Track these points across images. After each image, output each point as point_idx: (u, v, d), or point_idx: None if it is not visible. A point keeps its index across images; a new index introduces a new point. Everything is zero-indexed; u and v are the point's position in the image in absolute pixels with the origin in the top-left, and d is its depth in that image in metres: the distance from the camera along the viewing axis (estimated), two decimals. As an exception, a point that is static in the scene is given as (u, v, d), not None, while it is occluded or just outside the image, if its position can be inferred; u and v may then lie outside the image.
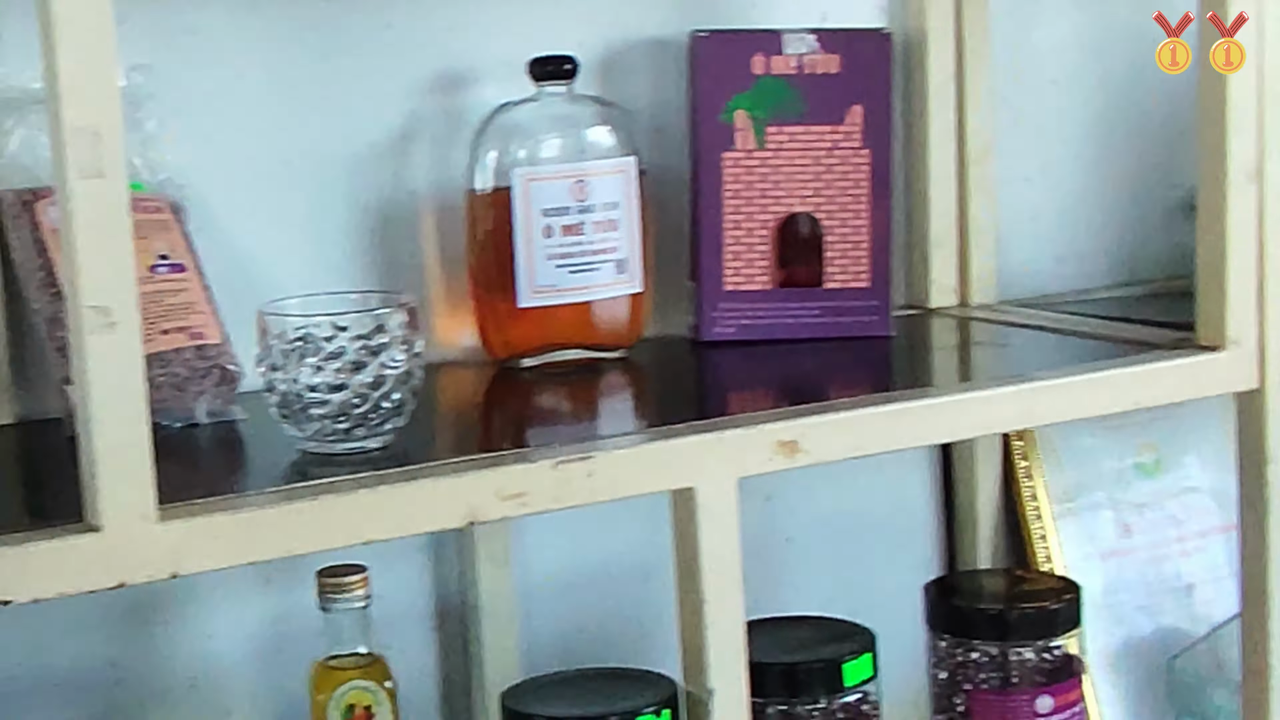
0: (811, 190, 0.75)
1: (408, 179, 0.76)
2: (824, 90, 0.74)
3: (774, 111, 0.74)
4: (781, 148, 0.74)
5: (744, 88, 0.73)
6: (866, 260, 0.77)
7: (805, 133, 0.74)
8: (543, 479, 0.55)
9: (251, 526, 0.48)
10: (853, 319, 0.77)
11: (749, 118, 0.73)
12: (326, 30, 0.73)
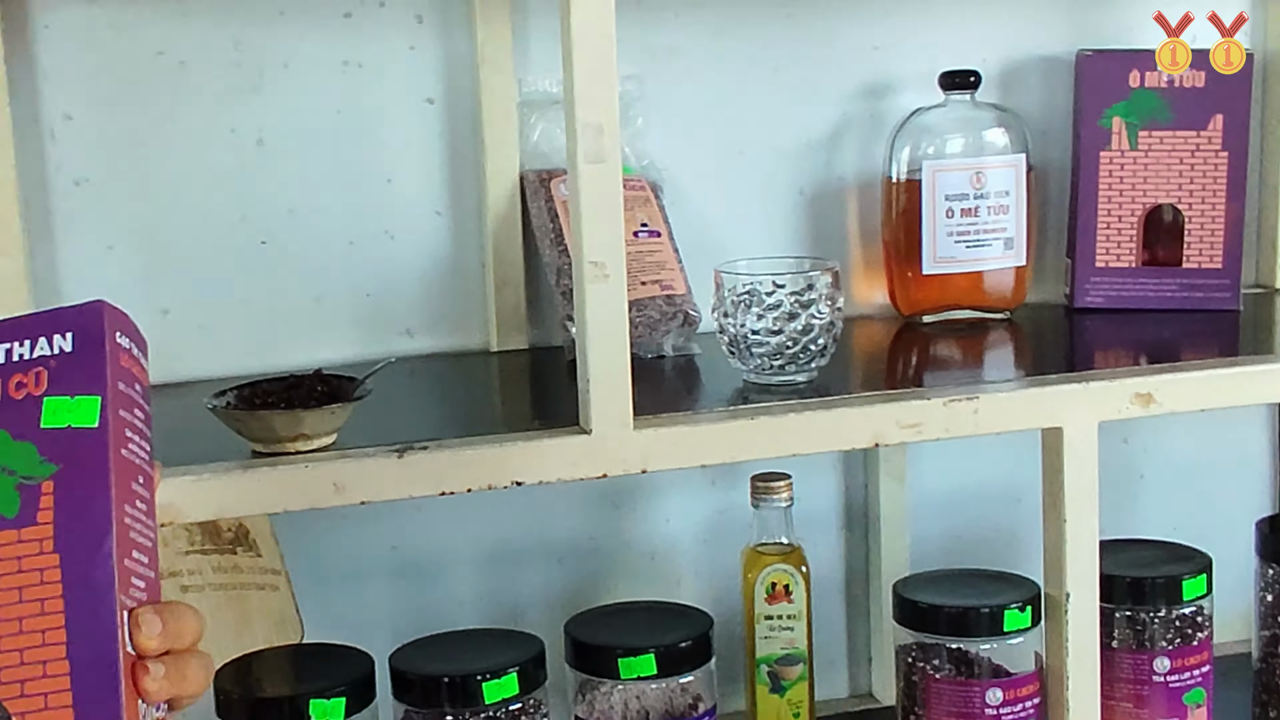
0: (1175, 185, 1.31)
1: (837, 168, 1.38)
2: (1190, 101, 1.29)
3: (1146, 118, 1.30)
4: (1151, 149, 1.31)
5: (1121, 98, 1.30)
6: (1220, 245, 1.31)
7: (1172, 137, 1.30)
8: (935, 413, 1.02)
9: (704, 437, 1.02)
10: (1205, 294, 1.31)
11: (1124, 123, 1.31)
12: (776, 49, 1.35)
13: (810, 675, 1.31)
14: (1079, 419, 1.06)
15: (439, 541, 1.36)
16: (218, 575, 1.19)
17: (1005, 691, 1.10)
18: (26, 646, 0.56)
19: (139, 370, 0.64)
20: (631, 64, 1.30)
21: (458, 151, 1.33)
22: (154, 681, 0.58)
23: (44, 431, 0.57)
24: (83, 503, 0.57)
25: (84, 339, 0.58)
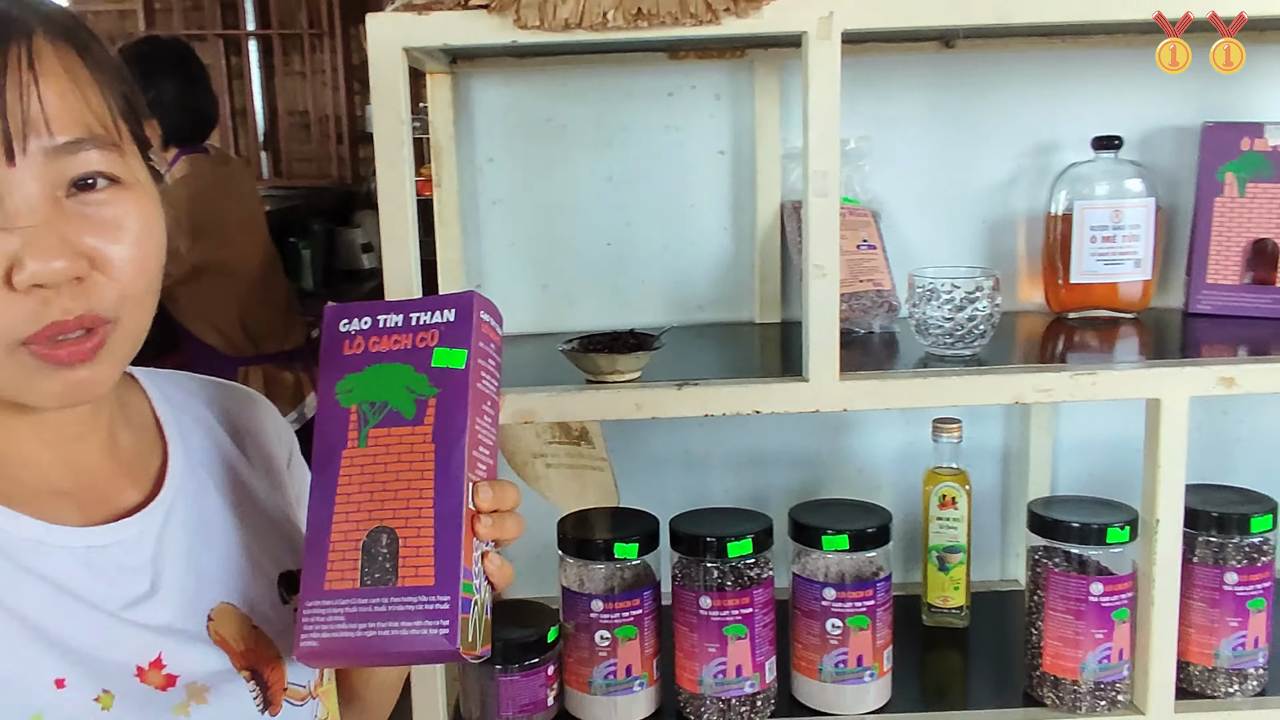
0: (1275, 224, 1.30)
1: (1011, 204, 1.42)
2: None
3: (1254, 174, 1.29)
4: (1255, 197, 1.30)
5: (1234, 158, 1.30)
6: None
7: (1274, 188, 1.29)
8: (1063, 382, 1.06)
9: (889, 388, 1.10)
10: None
11: (1235, 178, 1.30)
12: (970, 117, 1.41)
13: (968, 561, 1.36)
14: (1174, 393, 1.07)
15: (713, 447, 1.47)
16: (568, 459, 1.35)
17: (1105, 585, 1.12)
18: (411, 498, 0.65)
19: (494, 334, 0.71)
20: (864, 127, 1.37)
21: (738, 187, 1.42)
22: (484, 527, 0.66)
23: (433, 368, 0.66)
24: (450, 414, 0.66)
25: (460, 314, 0.68)
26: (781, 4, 1.00)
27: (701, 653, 1.15)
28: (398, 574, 0.63)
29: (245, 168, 3.35)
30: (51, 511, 0.66)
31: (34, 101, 0.57)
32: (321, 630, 0.64)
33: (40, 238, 0.58)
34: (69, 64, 0.61)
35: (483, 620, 0.66)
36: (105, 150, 0.62)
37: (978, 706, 1.20)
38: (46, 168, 0.59)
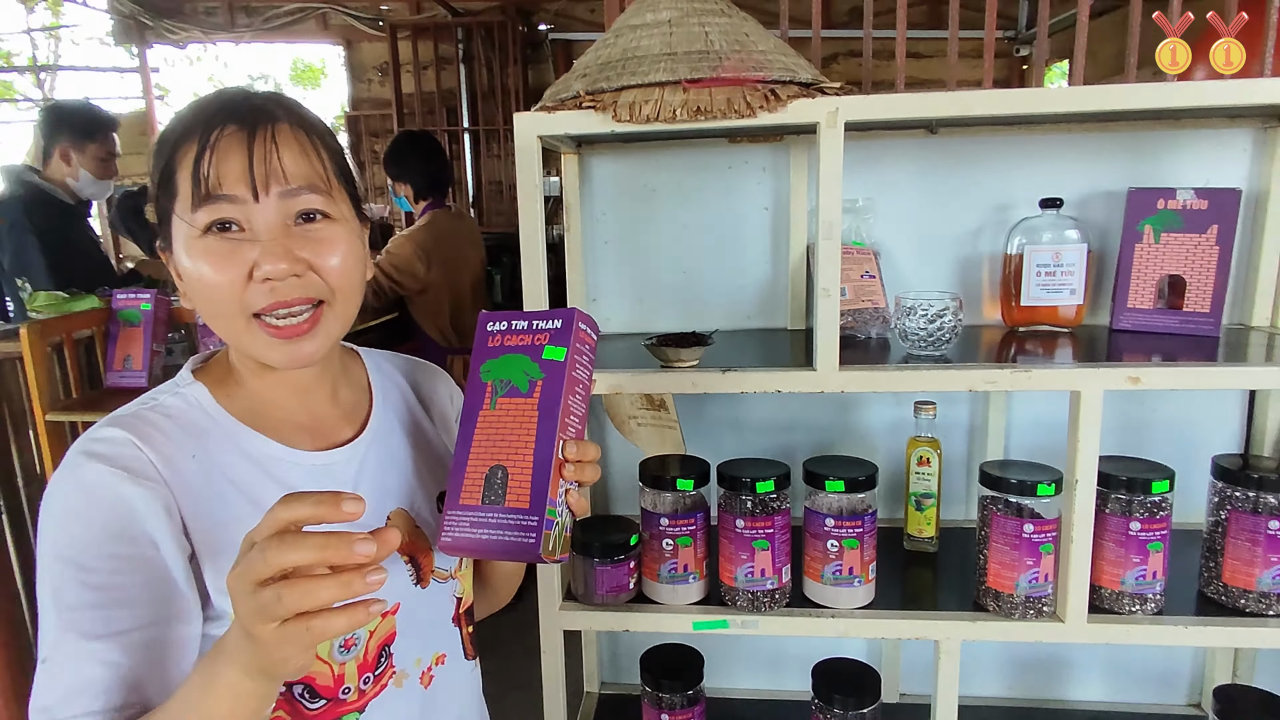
0: (1183, 263, 1.21)
1: (978, 247, 1.36)
2: (1195, 216, 1.20)
3: (1167, 226, 1.22)
4: (1169, 244, 1.22)
5: (1152, 214, 1.22)
6: (1209, 298, 1.19)
7: (1183, 237, 1.21)
8: (1005, 376, 1.02)
9: (880, 377, 1.06)
10: (1196, 326, 1.19)
11: (1152, 229, 1.23)
12: (950, 182, 1.35)
13: (938, 505, 1.32)
14: (1090, 386, 1.02)
15: (754, 416, 1.46)
16: (651, 420, 1.36)
17: (1035, 526, 1.07)
18: (519, 446, 0.66)
19: (589, 338, 0.72)
20: (869, 190, 1.35)
21: (777, 233, 1.40)
22: (568, 471, 0.66)
23: (543, 359, 0.68)
24: (551, 391, 0.67)
25: (564, 324, 0.69)
26: (800, 104, 0.98)
27: (736, 558, 1.14)
28: (506, 498, 0.65)
29: (471, 220, 3.46)
30: (292, 439, 0.70)
31: (274, 161, 0.62)
32: (455, 531, 0.66)
33: (271, 249, 0.62)
34: (300, 140, 0.65)
35: (562, 536, 0.66)
36: (319, 195, 0.66)
37: (940, 608, 1.15)
38: (280, 204, 0.64)
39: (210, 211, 0.61)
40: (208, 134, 0.61)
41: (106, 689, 0.56)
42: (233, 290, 0.62)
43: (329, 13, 5.57)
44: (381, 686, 0.71)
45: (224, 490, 0.64)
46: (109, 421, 0.63)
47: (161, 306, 1.93)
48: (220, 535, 0.63)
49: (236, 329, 0.64)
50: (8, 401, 1.85)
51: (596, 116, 0.99)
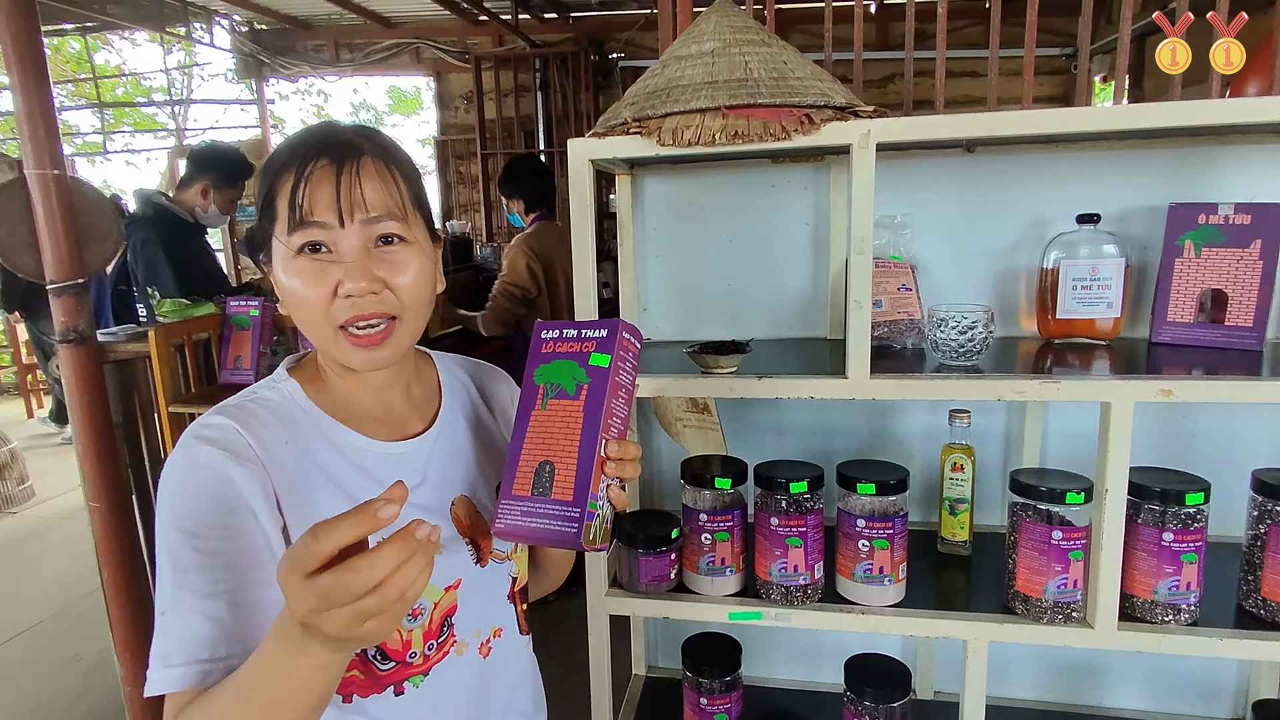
0: (1225, 278, 1.15)
1: (1015, 261, 1.32)
2: (1238, 231, 1.13)
3: (1209, 241, 1.15)
4: (1210, 258, 1.15)
5: (1193, 229, 1.16)
6: (1252, 313, 1.11)
7: (1225, 252, 1.14)
8: (1033, 386, 0.99)
9: (910, 385, 1.03)
10: (1239, 340, 1.13)
11: (1193, 244, 1.16)
12: (985, 199, 1.31)
13: (971, 510, 1.28)
14: (1121, 398, 0.98)
15: (794, 422, 1.44)
16: (695, 422, 1.37)
17: (1064, 533, 1.03)
18: (565, 444, 0.68)
19: (633, 347, 0.73)
20: (907, 207, 1.33)
21: (817, 247, 1.39)
22: (609, 468, 0.68)
23: (589, 365, 0.69)
24: (595, 394, 0.68)
25: (610, 333, 0.70)
26: (834, 127, 0.98)
27: (770, 554, 1.14)
28: (552, 490, 0.67)
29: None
30: (370, 430, 0.75)
31: (358, 192, 0.67)
32: (507, 519, 0.69)
33: (353, 270, 0.67)
34: (380, 170, 0.70)
35: (602, 527, 0.67)
36: (396, 221, 0.70)
37: (969, 609, 1.12)
38: (362, 230, 0.69)
39: (303, 235, 0.66)
40: (303, 167, 0.66)
41: (211, 641, 0.61)
42: (321, 304, 0.67)
43: (421, 47, 5.79)
44: (444, 654, 0.75)
45: (312, 472, 0.69)
46: (216, 411, 0.68)
47: (268, 313, 2.05)
48: (308, 512, 0.67)
49: (325, 337, 0.68)
50: (138, 394, 2.00)
51: (643, 141, 1.01)
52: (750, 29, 1.08)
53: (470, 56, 5.61)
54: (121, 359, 1.91)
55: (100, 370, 1.83)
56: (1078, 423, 1.35)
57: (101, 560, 1.87)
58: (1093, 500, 1.05)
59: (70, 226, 1.75)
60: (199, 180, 2.53)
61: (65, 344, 1.78)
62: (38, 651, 2.70)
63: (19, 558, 3.49)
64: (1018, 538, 1.10)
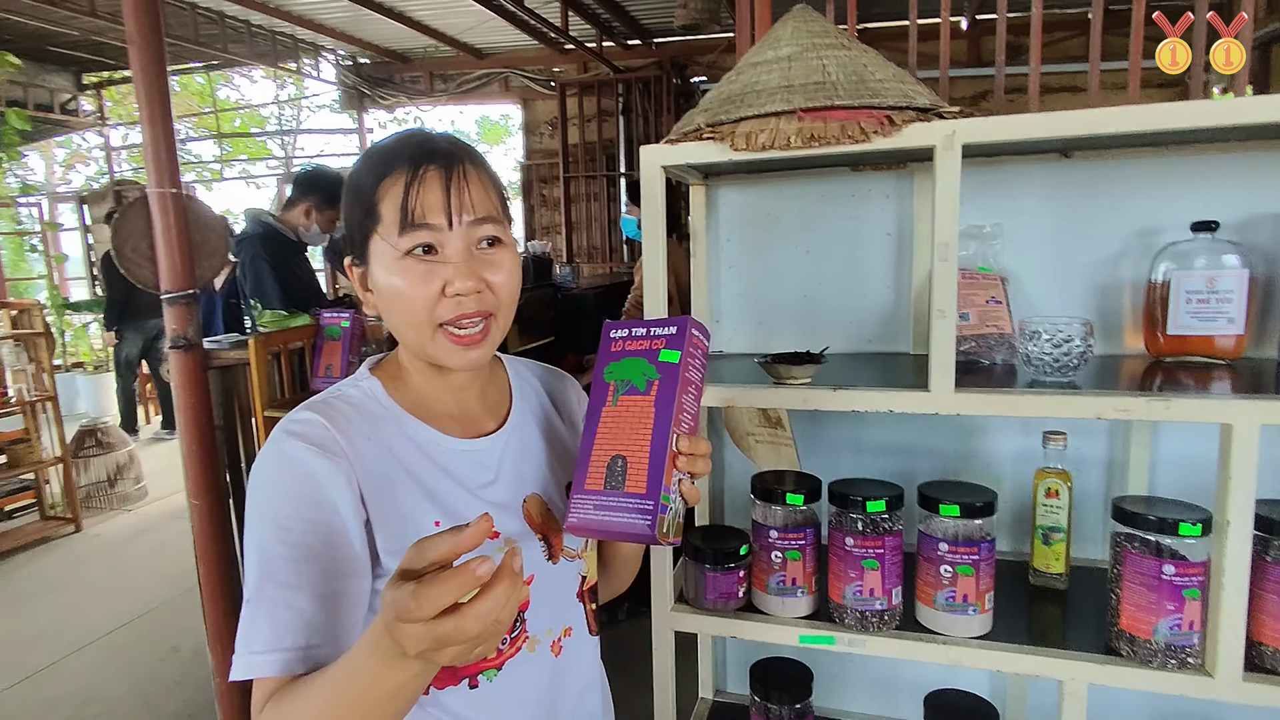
0: None
1: (1118, 273, 1.22)
2: None
3: None
4: None
5: None
6: None
7: None
8: (1140, 404, 0.91)
9: (1000, 400, 0.96)
10: None
11: None
12: (1084, 208, 1.23)
13: (1068, 540, 1.18)
14: (1244, 420, 0.89)
15: (873, 440, 1.39)
16: (768, 436, 1.33)
17: (1177, 568, 0.94)
18: (637, 438, 0.68)
19: (702, 344, 0.72)
20: (996, 217, 1.26)
21: (899, 258, 1.34)
22: (681, 462, 0.67)
23: (659, 361, 0.69)
24: (666, 389, 0.68)
25: (679, 330, 0.70)
26: (916, 128, 0.95)
27: (845, 576, 1.09)
28: (625, 483, 0.67)
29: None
30: (445, 428, 0.77)
31: (465, 196, 0.70)
32: (580, 513, 0.69)
33: (461, 270, 0.70)
34: (479, 177, 0.73)
35: (675, 521, 0.67)
36: (496, 224, 0.73)
37: (1068, 648, 1.03)
38: (468, 232, 0.72)
39: (413, 237, 0.68)
40: (414, 170, 0.69)
41: (294, 630, 0.63)
42: (427, 303, 0.69)
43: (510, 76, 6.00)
44: (517, 649, 0.75)
45: (392, 467, 0.71)
46: (305, 407, 0.71)
47: (357, 324, 2.14)
48: (389, 505, 0.69)
49: (424, 336, 0.71)
50: (237, 399, 2.13)
51: (716, 146, 1.00)
52: (829, 33, 1.06)
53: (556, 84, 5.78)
54: (224, 365, 2.03)
55: (204, 375, 1.95)
56: (1192, 449, 1.23)
57: (199, 555, 1.97)
58: (1211, 533, 0.95)
59: (185, 241, 1.89)
60: (303, 201, 2.69)
61: (175, 350, 1.91)
62: (143, 640, 2.88)
63: (132, 551, 3.75)
64: (1121, 570, 1.00)
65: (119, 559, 3.66)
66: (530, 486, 0.80)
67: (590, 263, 5.93)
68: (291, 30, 5.45)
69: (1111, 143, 1.14)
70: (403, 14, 5.01)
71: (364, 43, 5.72)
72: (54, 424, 3.83)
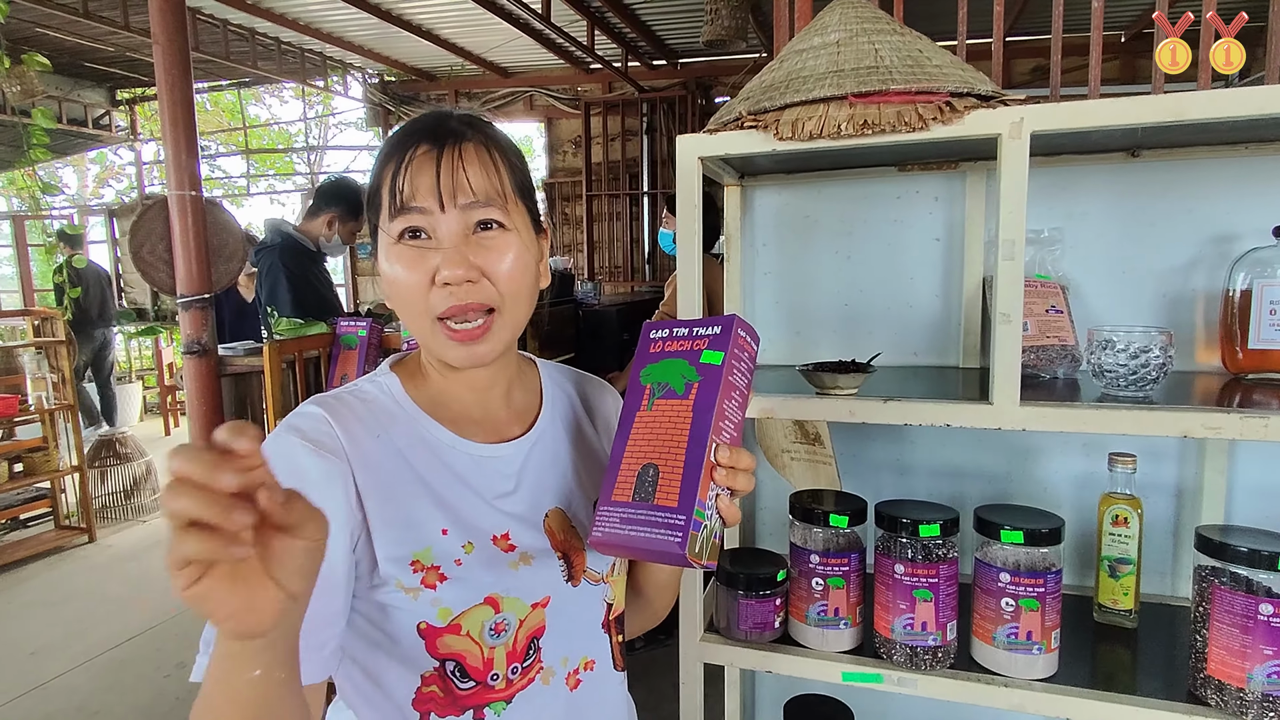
0: None
1: (1190, 283, 1.13)
2: None
3: None
4: None
5: None
6: None
7: None
8: (1233, 422, 0.82)
9: (1069, 415, 0.87)
10: None
11: None
12: (1151, 212, 1.14)
13: (1138, 573, 1.08)
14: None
15: (920, 459, 1.30)
16: (805, 454, 1.25)
17: (1276, 608, 0.84)
18: (672, 446, 0.62)
19: (749, 346, 0.66)
20: (1056, 221, 1.19)
21: (949, 265, 1.26)
22: (719, 475, 0.61)
23: (700, 363, 0.63)
24: (706, 393, 0.62)
25: (724, 329, 0.64)
26: (979, 115, 0.87)
27: (894, 607, 0.99)
28: (655, 495, 0.60)
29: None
30: (465, 430, 0.71)
31: (459, 176, 0.64)
32: (605, 526, 0.62)
33: (451, 256, 0.64)
34: (482, 156, 0.67)
35: (709, 541, 0.61)
36: (496, 207, 0.67)
37: (1143, 694, 0.92)
38: (461, 215, 0.65)
39: (403, 221, 0.64)
40: (403, 152, 0.65)
41: None
42: (419, 291, 0.64)
43: (535, 94, 6.03)
44: (529, 680, 0.68)
45: (400, 468, 0.66)
46: (313, 400, 0.68)
47: (374, 333, 2.09)
48: (390, 506, 0.64)
49: (424, 329, 0.66)
50: (251, 407, 2.07)
51: (758, 136, 0.93)
52: (880, 19, 0.99)
53: (581, 102, 5.79)
54: (238, 372, 1.99)
55: (218, 382, 1.90)
56: (1274, 476, 1.12)
57: (205, 568, 1.91)
58: (1312, 569, 0.84)
59: (202, 245, 1.85)
60: (326, 211, 2.67)
61: (189, 355, 1.86)
62: (148, 655, 2.81)
63: (144, 564, 3.70)
64: (1209, 609, 0.90)
65: (130, 571, 3.62)
66: (553, 500, 0.74)
67: (612, 281, 5.89)
68: (321, 48, 5.51)
69: (1186, 138, 1.06)
70: (430, 32, 5.05)
71: (391, 60, 5.78)
72: (72, 433, 3.82)
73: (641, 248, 5.97)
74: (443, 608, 0.63)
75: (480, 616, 0.64)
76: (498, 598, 0.65)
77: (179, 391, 6.51)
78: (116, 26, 4.45)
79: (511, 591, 0.66)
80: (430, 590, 0.63)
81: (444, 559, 0.64)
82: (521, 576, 0.67)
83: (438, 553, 0.64)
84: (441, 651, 0.64)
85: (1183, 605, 1.14)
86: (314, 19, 4.93)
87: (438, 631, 0.63)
